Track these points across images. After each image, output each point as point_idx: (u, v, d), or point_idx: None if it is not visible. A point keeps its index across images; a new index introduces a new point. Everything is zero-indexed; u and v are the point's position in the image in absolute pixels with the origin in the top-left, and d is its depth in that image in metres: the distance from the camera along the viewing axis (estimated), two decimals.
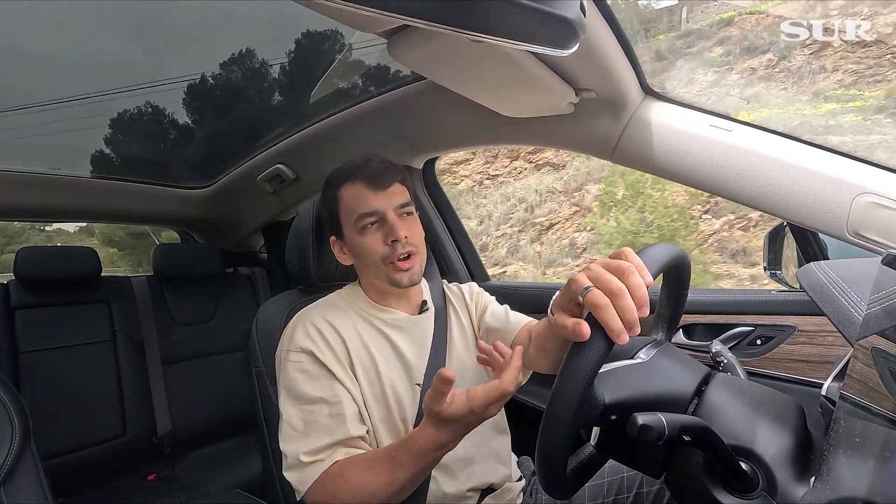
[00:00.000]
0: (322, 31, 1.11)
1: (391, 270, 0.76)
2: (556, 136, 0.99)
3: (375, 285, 0.82)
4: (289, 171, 1.49)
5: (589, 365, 0.45)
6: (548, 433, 0.44)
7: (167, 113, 1.21)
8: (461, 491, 0.76)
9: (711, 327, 1.00)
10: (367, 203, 0.76)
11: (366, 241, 0.76)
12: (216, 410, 1.66)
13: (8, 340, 1.37)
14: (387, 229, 0.76)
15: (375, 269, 0.78)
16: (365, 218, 0.76)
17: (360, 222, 0.76)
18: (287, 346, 0.75)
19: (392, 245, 0.75)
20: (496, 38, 0.39)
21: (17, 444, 0.59)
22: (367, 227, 0.76)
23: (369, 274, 0.81)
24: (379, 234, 0.76)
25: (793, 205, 0.75)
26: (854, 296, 0.45)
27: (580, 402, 0.44)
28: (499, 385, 0.55)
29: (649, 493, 0.73)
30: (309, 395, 0.70)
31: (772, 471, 0.42)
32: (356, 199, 0.77)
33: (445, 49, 0.66)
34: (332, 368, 0.72)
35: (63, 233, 7.74)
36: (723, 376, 0.53)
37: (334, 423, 0.68)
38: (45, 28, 0.81)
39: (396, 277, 0.76)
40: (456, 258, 1.44)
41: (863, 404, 0.38)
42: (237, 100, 1.18)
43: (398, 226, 0.75)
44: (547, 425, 0.45)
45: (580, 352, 0.46)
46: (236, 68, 1.15)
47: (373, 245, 0.76)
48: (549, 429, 0.44)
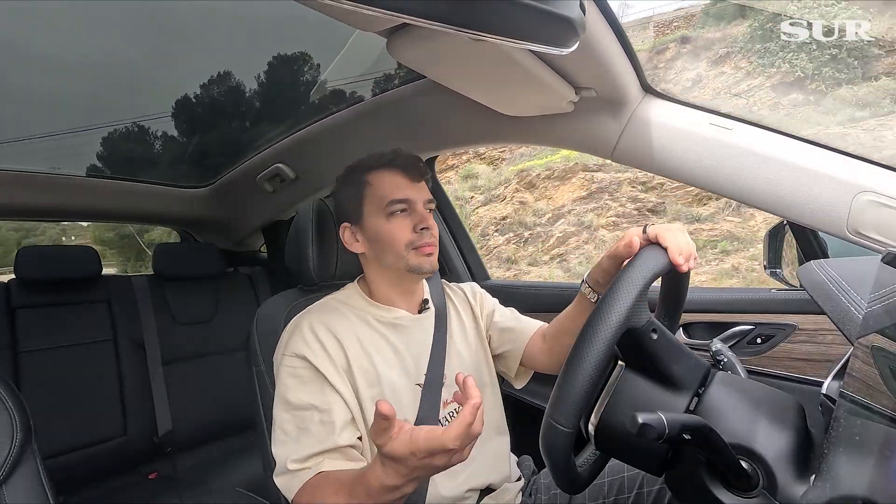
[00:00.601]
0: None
1: (414, 256, 0.77)
2: (555, 135, 0.99)
3: (384, 277, 0.82)
4: (289, 170, 1.49)
5: (649, 265, 0.51)
6: (600, 317, 0.47)
7: (167, 113, 1.21)
8: (459, 492, 0.76)
9: (711, 326, 1.00)
10: (401, 190, 0.78)
11: (392, 226, 0.77)
12: (217, 410, 1.66)
13: (9, 340, 1.37)
14: (416, 217, 0.78)
15: (395, 255, 0.78)
16: (396, 204, 0.77)
17: (391, 207, 0.77)
18: (282, 351, 0.75)
19: (420, 233, 0.78)
20: (496, 36, 0.39)
21: (18, 443, 0.59)
22: (396, 214, 0.78)
23: (385, 261, 0.80)
24: (407, 221, 0.78)
25: (793, 203, 0.75)
26: (854, 294, 0.45)
27: (638, 297, 0.48)
28: (440, 437, 0.47)
29: (650, 493, 0.73)
30: (301, 401, 0.70)
31: (772, 469, 0.43)
32: (390, 185, 0.78)
33: (445, 48, 0.66)
34: (327, 374, 0.71)
35: (77, 226, 7.99)
36: (723, 375, 0.53)
37: (324, 431, 0.68)
38: (46, 28, 0.81)
39: (418, 262, 0.77)
40: (456, 257, 1.44)
41: (863, 403, 0.38)
42: (237, 99, 1.18)
43: (427, 216, 0.79)
44: (600, 310, 0.47)
45: (641, 256, 0.53)
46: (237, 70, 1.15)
47: (399, 231, 0.77)
48: (601, 313, 0.47)
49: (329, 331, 0.75)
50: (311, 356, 0.72)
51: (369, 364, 0.75)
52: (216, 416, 1.66)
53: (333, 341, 0.74)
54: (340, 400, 0.71)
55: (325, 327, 0.75)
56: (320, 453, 0.66)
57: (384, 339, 0.79)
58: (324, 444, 0.67)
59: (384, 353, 0.78)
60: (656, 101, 0.88)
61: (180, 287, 1.73)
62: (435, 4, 0.36)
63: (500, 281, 1.50)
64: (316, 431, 0.68)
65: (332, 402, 0.70)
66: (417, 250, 0.77)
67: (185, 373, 1.64)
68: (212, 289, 1.79)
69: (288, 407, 0.71)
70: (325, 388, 0.71)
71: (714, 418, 0.46)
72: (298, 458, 0.66)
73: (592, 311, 0.49)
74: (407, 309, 0.84)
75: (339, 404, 0.71)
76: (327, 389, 0.71)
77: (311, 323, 0.76)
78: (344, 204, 0.83)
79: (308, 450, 0.66)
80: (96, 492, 1.39)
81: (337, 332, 0.76)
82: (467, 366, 0.84)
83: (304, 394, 0.70)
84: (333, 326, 0.76)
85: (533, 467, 0.95)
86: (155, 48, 0.92)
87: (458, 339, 0.87)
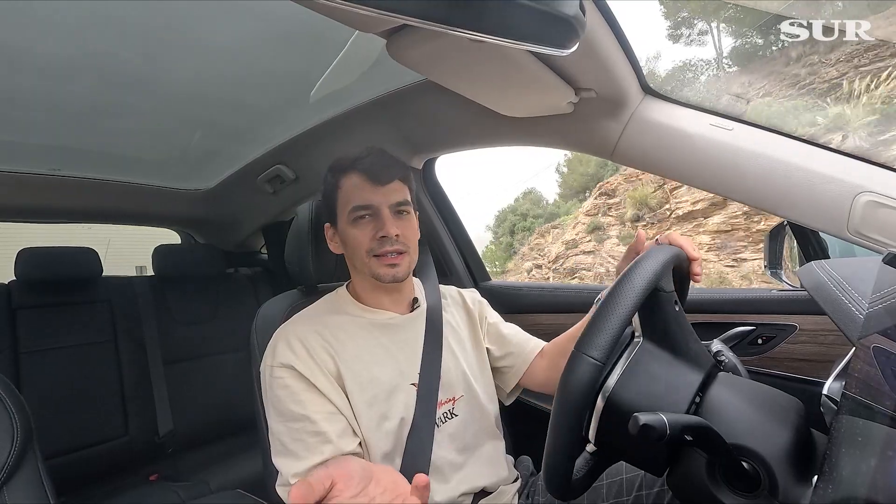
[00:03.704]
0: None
1: (374, 264, 0.77)
2: (555, 136, 0.99)
3: (362, 280, 0.82)
4: (289, 171, 1.49)
5: (664, 252, 0.53)
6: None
7: (167, 113, 1.21)
8: (453, 495, 0.75)
9: (712, 327, 1.00)
10: (363, 196, 0.77)
11: (355, 232, 0.77)
12: (217, 410, 1.66)
13: (10, 341, 1.37)
14: (378, 224, 0.76)
15: (360, 261, 0.78)
16: (359, 210, 0.77)
17: (354, 214, 0.77)
18: (270, 362, 0.73)
19: (380, 240, 0.76)
20: (496, 37, 0.39)
21: (19, 443, 0.60)
22: (360, 220, 0.77)
23: (355, 266, 0.81)
24: (369, 228, 0.77)
25: (793, 203, 0.75)
26: (855, 295, 0.45)
27: (666, 265, 0.50)
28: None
29: (649, 495, 0.73)
30: (293, 413, 0.69)
31: (773, 470, 0.42)
32: (353, 191, 0.77)
33: (445, 49, 0.66)
34: (317, 382, 0.70)
35: None
36: (724, 376, 0.53)
37: (319, 442, 0.67)
38: (45, 28, 0.81)
39: (379, 272, 0.77)
40: (457, 258, 1.44)
41: (865, 403, 0.38)
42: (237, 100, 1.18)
43: (390, 223, 0.76)
44: (610, 300, 0.47)
45: (655, 248, 0.55)
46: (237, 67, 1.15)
47: (361, 237, 0.77)
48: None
49: (316, 338, 0.74)
50: (298, 365, 0.71)
51: (361, 367, 0.75)
52: (217, 417, 1.66)
53: (321, 348, 0.74)
54: (333, 408, 0.70)
55: (313, 334, 0.75)
56: (321, 464, 0.66)
57: (375, 340, 0.78)
58: (323, 454, 0.66)
59: (375, 354, 0.77)
60: (656, 101, 0.88)
61: (181, 288, 1.73)
62: (434, 5, 0.36)
63: (501, 282, 1.50)
64: (313, 443, 0.67)
65: (325, 410, 0.69)
66: (378, 259, 0.76)
67: (185, 373, 1.64)
68: (212, 289, 1.79)
69: (282, 418, 0.70)
70: (316, 397, 0.70)
71: (715, 419, 0.46)
72: (299, 472, 0.66)
73: (628, 267, 0.51)
74: (396, 310, 0.83)
75: (333, 413, 0.70)
76: (318, 399, 0.70)
77: (297, 331, 0.75)
78: (324, 205, 0.84)
79: (308, 462, 0.66)
80: (97, 492, 1.39)
81: (325, 337, 0.75)
82: (461, 366, 0.84)
83: (295, 405, 0.69)
84: (321, 332, 0.75)
85: (531, 468, 0.95)
86: (155, 48, 0.92)
87: (452, 339, 0.86)
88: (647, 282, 0.48)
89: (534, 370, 0.89)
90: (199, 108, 1.21)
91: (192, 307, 1.73)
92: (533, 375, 0.89)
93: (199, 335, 1.71)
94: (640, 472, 0.75)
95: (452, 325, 0.88)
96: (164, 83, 1.06)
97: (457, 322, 0.90)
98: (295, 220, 0.93)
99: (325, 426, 0.68)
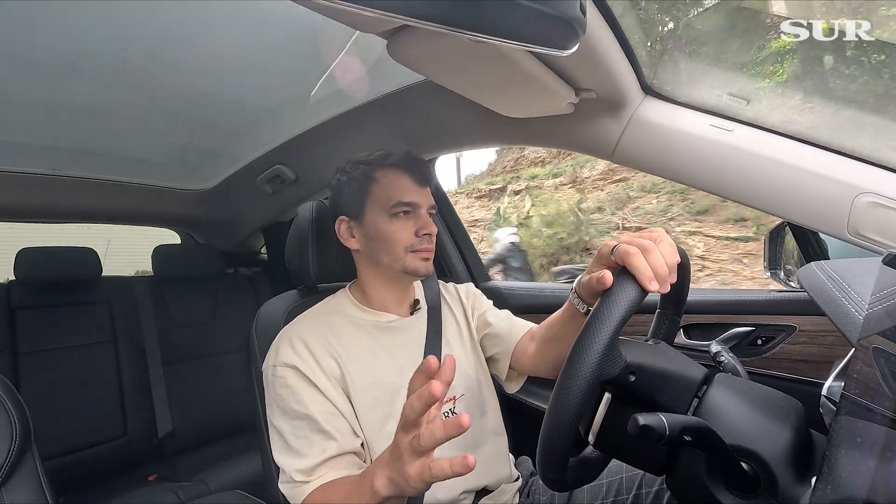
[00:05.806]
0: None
1: (412, 258, 0.78)
2: (555, 137, 0.99)
3: (377, 276, 0.82)
4: (289, 171, 1.49)
5: (619, 309, 0.46)
6: (569, 376, 0.44)
7: (167, 113, 1.21)
8: (455, 494, 0.76)
9: (712, 327, 1.00)
10: (409, 193, 0.79)
11: (394, 227, 0.78)
12: (217, 411, 1.66)
13: (9, 341, 1.37)
14: (420, 222, 0.79)
15: (392, 256, 0.78)
16: (402, 206, 0.78)
17: (396, 209, 0.78)
18: (273, 362, 0.74)
19: (421, 237, 0.79)
20: (496, 38, 0.39)
21: (17, 444, 0.59)
22: (400, 215, 0.78)
23: (380, 260, 0.80)
24: (410, 223, 0.79)
25: (793, 204, 0.75)
26: (855, 295, 0.45)
27: (606, 349, 0.44)
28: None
29: (648, 494, 0.73)
30: (296, 411, 0.69)
31: (773, 471, 0.42)
32: (398, 186, 0.79)
33: (445, 49, 0.66)
34: (318, 383, 0.71)
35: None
36: (723, 376, 0.53)
37: (323, 439, 0.68)
38: (46, 28, 0.81)
39: (416, 265, 0.79)
40: (456, 258, 1.44)
41: (864, 404, 0.38)
42: (237, 100, 1.18)
43: (430, 222, 0.80)
44: (570, 368, 0.44)
45: (610, 296, 0.47)
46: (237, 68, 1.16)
47: (401, 232, 0.78)
48: (571, 372, 0.44)
49: (320, 340, 0.75)
50: (301, 365, 0.71)
51: (364, 369, 0.75)
52: (216, 417, 1.66)
53: (324, 350, 0.74)
54: (334, 409, 0.71)
55: (315, 338, 0.75)
56: (324, 462, 0.67)
57: (378, 342, 0.79)
58: (327, 452, 0.67)
59: (378, 356, 0.77)
60: (656, 102, 0.88)
61: (181, 288, 1.73)
62: (435, 6, 0.36)
63: (499, 282, 1.50)
64: (317, 440, 0.68)
65: (328, 410, 0.70)
66: (416, 253, 0.78)
67: (185, 374, 1.64)
68: (212, 290, 1.79)
69: (285, 416, 0.71)
70: (318, 397, 0.71)
71: (714, 420, 0.46)
72: (303, 469, 0.66)
73: (562, 369, 0.46)
74: (398, 312, 0.84)
75: (334, 412, 0.70)
76: (320, 399, 0.70)
77: (300, 333, 0.76)
78: (343, 197, 0.83)
79: (312, 461, 0.66)
80: (96, 493, 1.39)
81: (328, 339, 0.75)
82: (462, 365, 0.84)
83: (296, 404, 0.70)
84: (325, 334, 0.76)
85: (531, 468, 0.95)
86: (156, 49, 0.92)
87: (453, 337, 0.87)
88: (580, 399, 0.44)
89: (522, 353, 0.86)
90: (199, 109, 1.21)
91: (192, 308, 1.73)
92: (521, 359, 0.86)
93: (199, 336, 1.71)
94: (639, 471, 0.75)
95: (453, 324, 0.89)
96: (165, 83, 1.06)
97: (456, 321, 0.90)
98: (295, 221, 0.93)
99: (328, 425, 0.69)
